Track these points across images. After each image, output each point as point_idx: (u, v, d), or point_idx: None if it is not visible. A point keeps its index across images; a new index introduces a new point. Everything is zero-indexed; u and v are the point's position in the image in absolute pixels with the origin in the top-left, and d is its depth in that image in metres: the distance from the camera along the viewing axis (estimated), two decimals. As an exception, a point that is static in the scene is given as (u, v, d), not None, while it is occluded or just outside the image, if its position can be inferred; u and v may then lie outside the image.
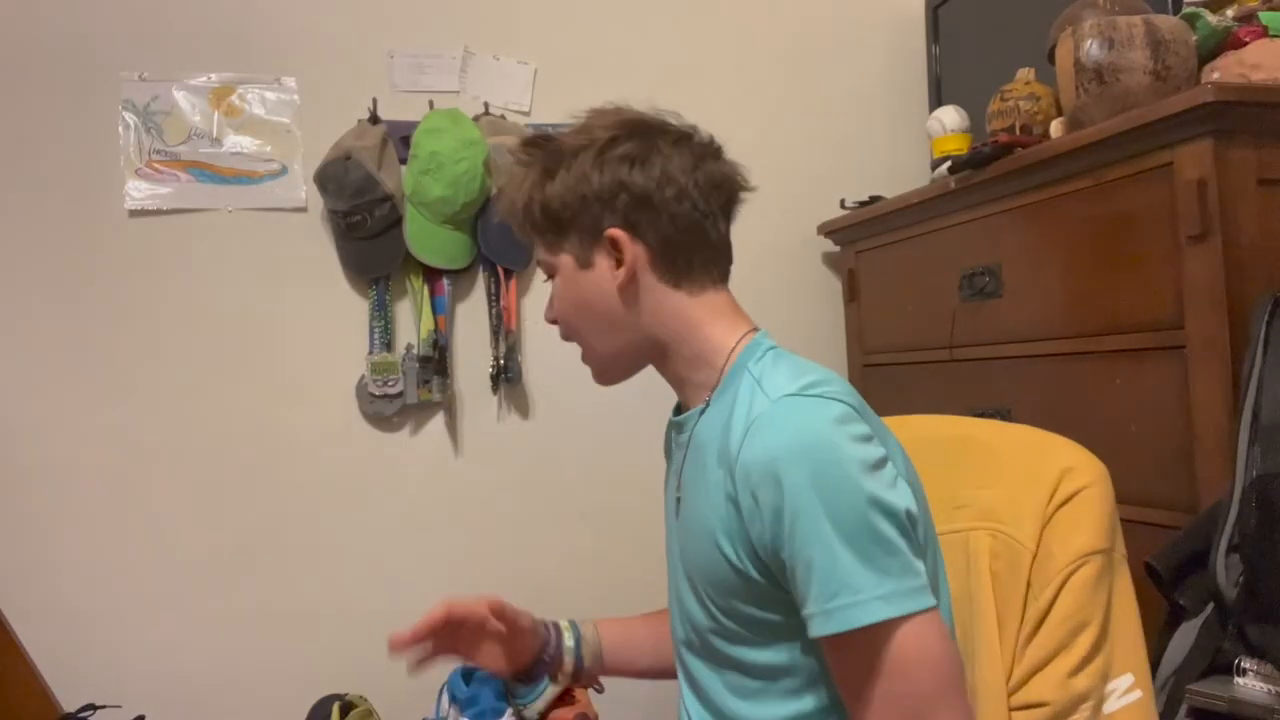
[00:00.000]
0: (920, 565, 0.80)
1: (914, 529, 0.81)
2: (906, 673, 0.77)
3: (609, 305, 0.96)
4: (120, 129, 1.80)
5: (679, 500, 0.99)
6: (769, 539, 0.81)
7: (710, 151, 1.00)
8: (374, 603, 1.88)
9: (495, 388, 1.95)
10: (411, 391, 1.89)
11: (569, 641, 1.16)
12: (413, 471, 1.92)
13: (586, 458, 2.01)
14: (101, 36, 1.80)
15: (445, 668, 1.74)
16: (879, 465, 0.81)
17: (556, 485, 1.99)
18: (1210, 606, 1.13)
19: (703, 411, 0.96)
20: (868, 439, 0.82)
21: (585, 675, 1.16)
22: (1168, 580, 1.15)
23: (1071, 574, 0.94)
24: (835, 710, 0.87)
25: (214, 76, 1.85)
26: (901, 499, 0.81)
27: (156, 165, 1.81)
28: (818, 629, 0.78)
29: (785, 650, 0.87)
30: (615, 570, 1.98)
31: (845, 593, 0.76)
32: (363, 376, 1.88)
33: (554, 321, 1.04)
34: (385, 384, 1.87)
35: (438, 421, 1.94)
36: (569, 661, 1.15)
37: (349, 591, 1.87)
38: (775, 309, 2.04)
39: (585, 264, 0.97)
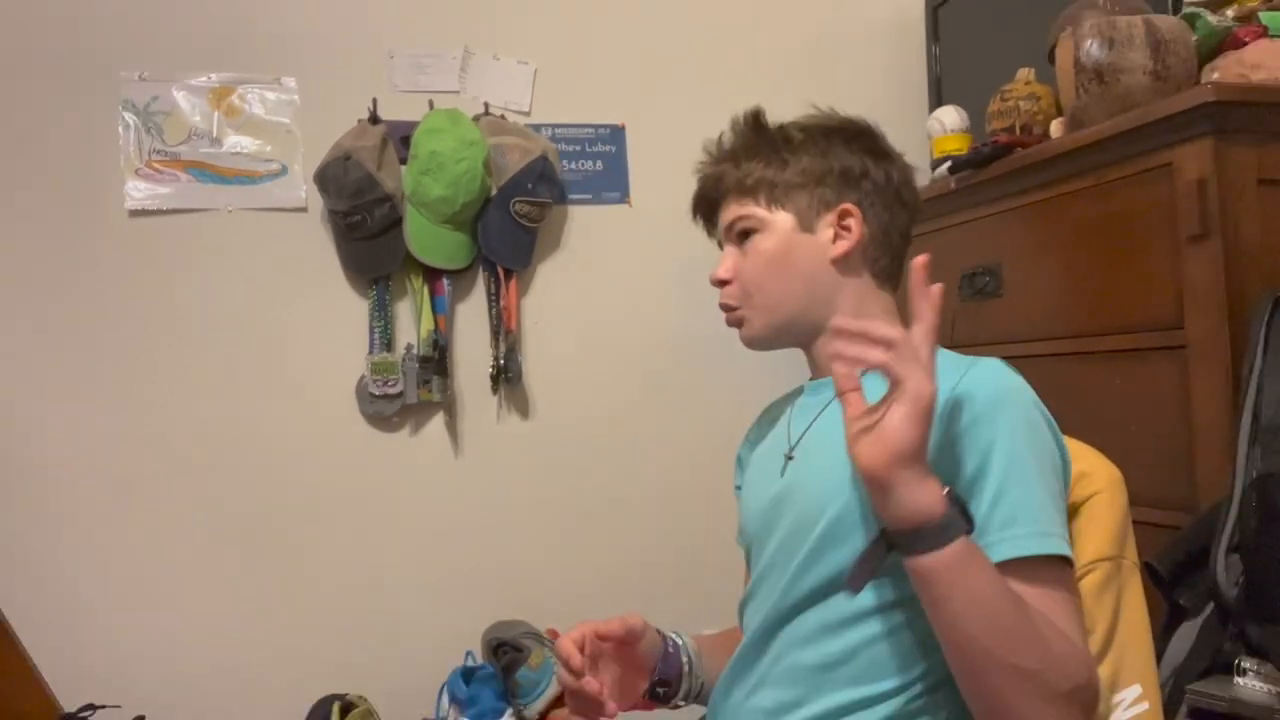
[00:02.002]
0: None
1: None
2: (1075, 599, 0.86)
3: (814, 271, 1.03)
4: (120, 129, 1.80)
5: (789, 459, 1.02)
6: (973, 460, 0.87)
7: (914, 175, 1.11)
8: (374, 603, 1.88)
9: (495, 388, 1.95)
10: (411, 392, 1.89)
11: (684, 658, 1.08)
12: (412, 472, 1.92)
13: (586, 458, 2.01)
14: (101, 36, 1.80)
15: (442, 669, 1.75)
16: (1063, 445, 0.92)
17: (556, 486, 1.99)
18: (1210, 606, 1.13)
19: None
20: None
21: (697, 696, 1.09)
22: (1168, 580, 1.15)
23: (1079, 581, 0.93)
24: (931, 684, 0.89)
25: (214, 76, 1.85)
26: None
27: (156, 165, 1.81)
28: (1030, 548, 0.83)
29: (892, 589, 0.90)
30: (616, 572, 1.98)
31: (1052, 524, 0.84)
32: (363, 376, 1.88)
33: (724, 282, 1.07)
34: (385, 384, 1.87)
35: (438, 422, 1.94)
36: (687, 682, 1.07)
37: (349, 591, 1.87)
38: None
39: (807, 227, 1.03)
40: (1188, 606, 1.15)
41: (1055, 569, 0.84)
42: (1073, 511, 0.96)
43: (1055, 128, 1.59)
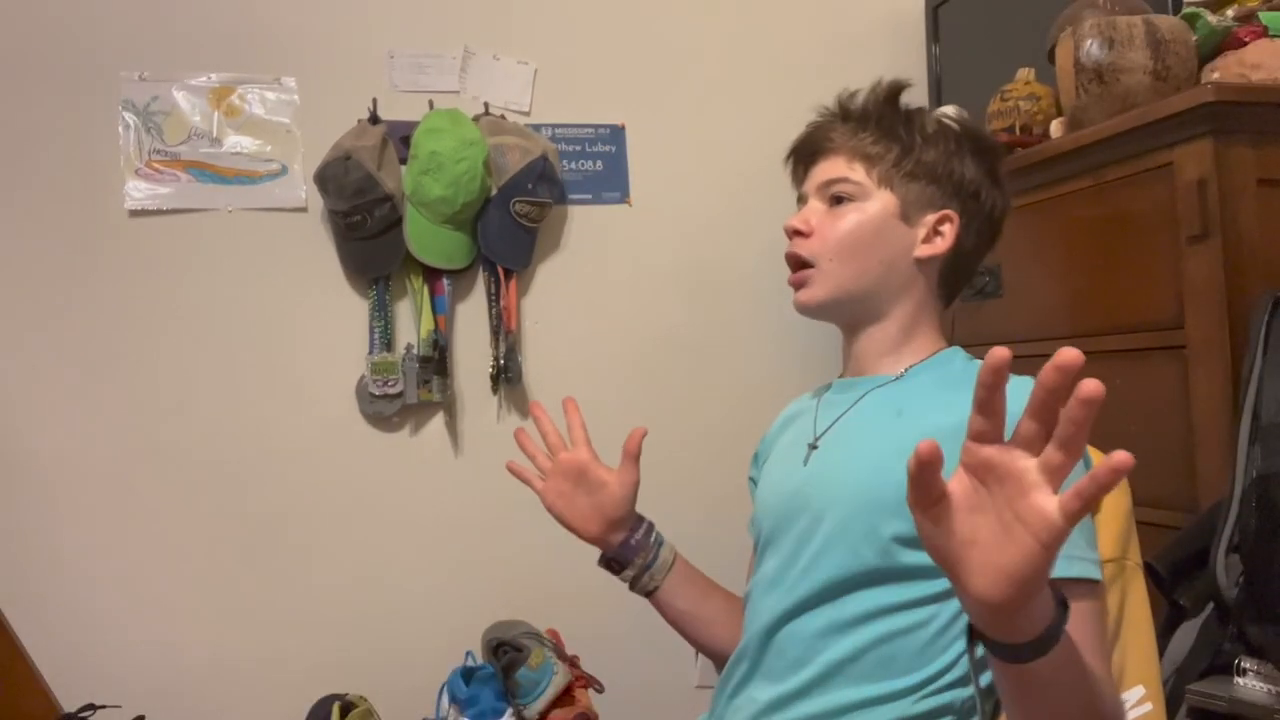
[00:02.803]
0: None
1: None
2: (1101, 623, 0.86)
3: (895, 260, 1.03)
4: (120, 129, 1.80)
5: (813, 448, 1.03)
6: None
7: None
8: (374, 603, 1.88)
9: (495, 388, 1.95)
10: (411, 391, 1.89)
11: (656, 538, 1.17)
12: (412, 472, 1.92)
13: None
14: (101, 36, 1.80)
15: (442, 669, 1.75)
16: (1089, 458, 0.91)
17: (556, 485, 1.98)
18: (1210, 606, 1.13)
19: (893, 380, 1.03)
20: None
21: (661, 589, 1.15)
22: (1168, 580, 1.15)
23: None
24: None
25: (214, 76, 1.85)
26: None
27: (156, 165, 1.81)
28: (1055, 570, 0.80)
29: (906, 589, 0.90)
30: (615, 570, 1.98)
31: (1076, 547, 0.83)
32: (363, 376, 1.88)
33: (803, 233, 1.06)
34: (385, 384, 1.87)
35: (437, 422, 1.94)
36: (657, 555, 1.15)
37: (349, 591, 1.88)
38: (773, 311, 2.04)
39: (905, 217, 1.04)
40: (1187, 606, 1.15)
41: (1084, 589, 0.84)
42: None
43: (1055, 128, 1.59)
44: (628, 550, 1.14)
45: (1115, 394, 1.37)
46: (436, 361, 1.89)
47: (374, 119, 1.88)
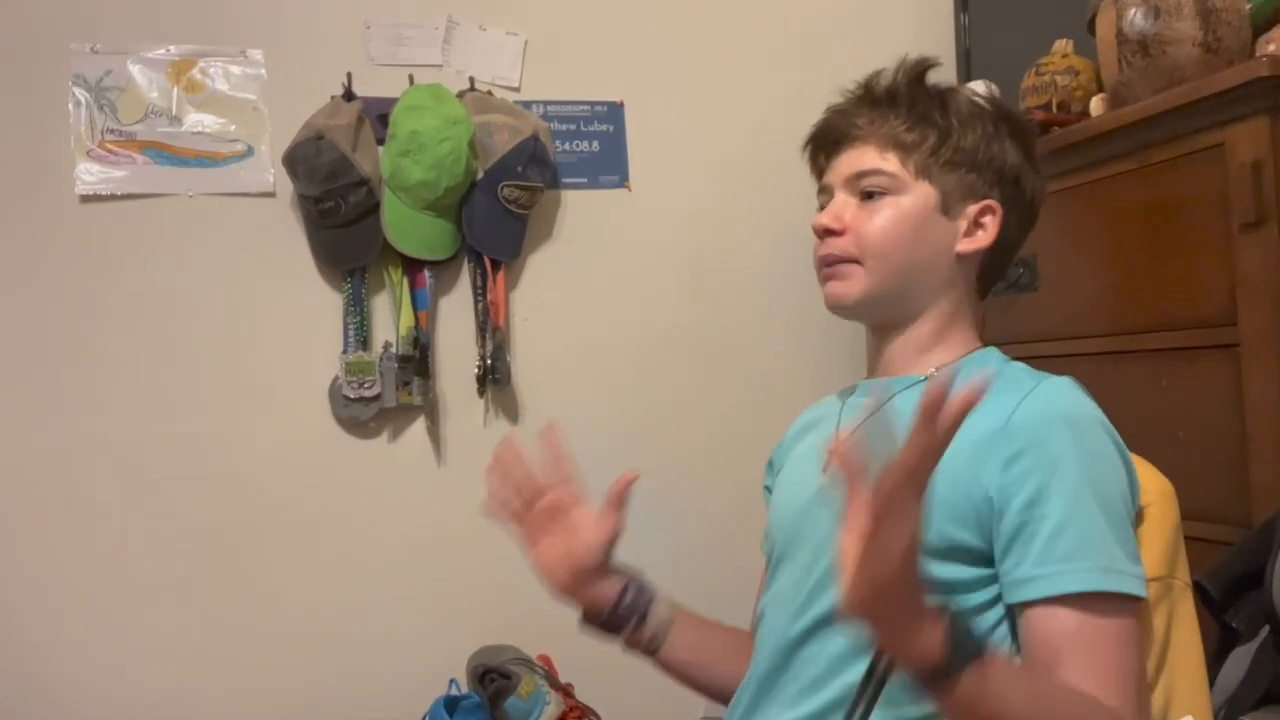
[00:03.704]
0: None
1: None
2: (1129, 647, 0.86)
3: (936, 256, 1.04)
4: (70, 106, 1.79)
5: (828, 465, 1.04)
6: (1026, 491, 0.88)
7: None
8: (349, 625, 1.88)
9: (481, 390, 1.95)
10: (390, 394, 1.89)
11: (646, 598, 1.13)
12: (391, 482, 1.92)
13: (581, 466, 2.00)
14: (48, 5, 1.79)
15: (424, 698, 1.75)
16: (1131, 464, 0.93)
17: (549, 497, 1.98)
18: (1266, 629, 1.13)
19: (921, 382, 1.03)
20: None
21: (661, 647, 1.13)
22: (1219, 601, 1.15)
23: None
24: None
25: (173, 49, 1.85)
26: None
27: (110, 146, 1.81)
28: (1089, 583, 0.84)
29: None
30: (613, 590, 1.98)
31: (1117, 560, 0.86)
32: (336, 378, 1.88)
33: (836, 231, 1.06)
34: (361, 386, 1.87)
35: (419, 427, 1.94)
36: (653, 614, 1.12)
37: (321, 613, 1.87)
38: (786, 306, 2.04)
39: (946, 210, 1.04)
40: (1241, 630, 1.14)
41: (1118, 605, 0.85)
42: None
43: (1095, 105, 1.59)
44: (615, 619, 1.12)
45: (1162, 397, 1.38)
46: (417, 361, 1.89)
47: (349, 95, 1.87)
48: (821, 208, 1.12)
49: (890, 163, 1.04)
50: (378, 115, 1.87)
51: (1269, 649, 1.12)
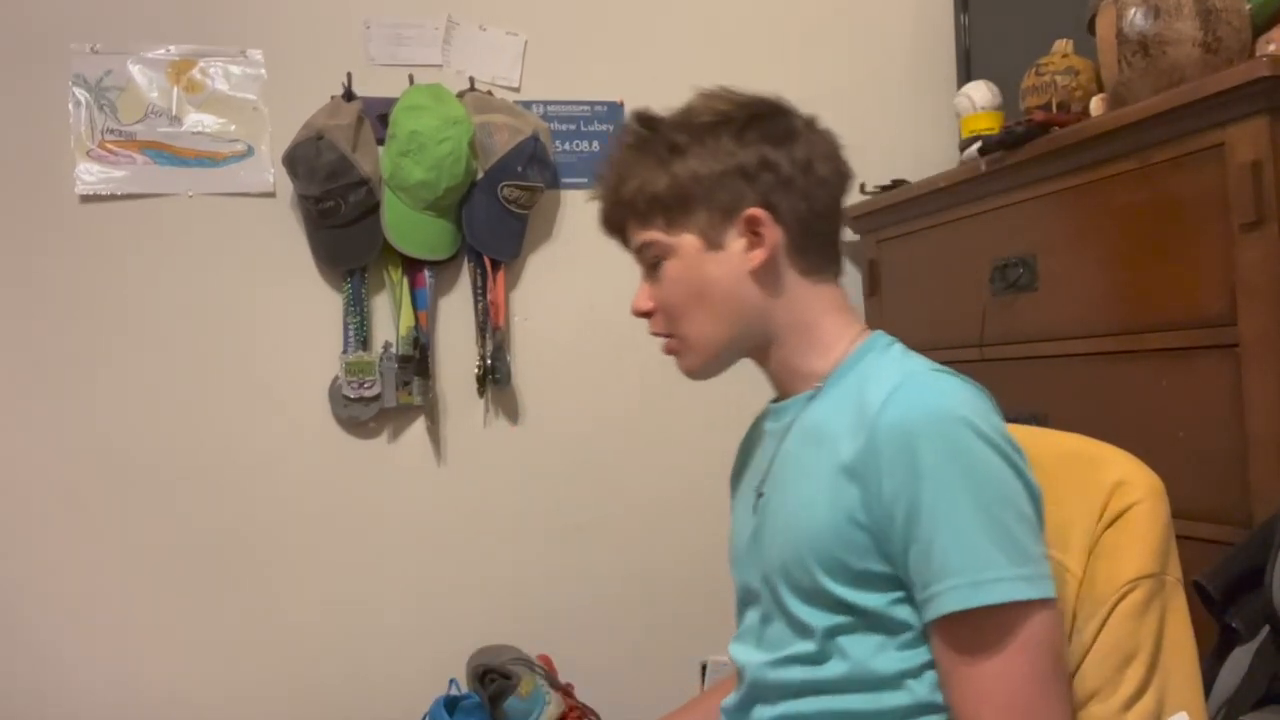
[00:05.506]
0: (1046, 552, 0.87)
1: (1043, 512, 0.89)
2: (1035, 653, 0.84)
3: (735, 289, 1.01)
4: (70, 106, 1.80)
5: (760, 496, 1.03)
6: (902, 510, 0.85)
7: (839, 143, 1.06)
8: (349, 626, 1.88)
9: (481, 390, 1.95)
10: (390, 394, 1.89)
11: None
12: (391, 482, 1.93)
13: (581, 467, 2.01)
14: (48, 5, 1.80)
15: (424, 698, 1.75)
16: (1017, 445, 0.88)
17: (547, 496, 1.99)
18: (1266, 630, 1.13)
19: (811, 398, 1.01)
20: (1005, 425, 0.90)
21: None
22: (1219, 601, 1.15)
23: (1118, 602, 0.93)
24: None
25: (173, 49, 1.85)
26: (1037, 483, 0.89)
27: (110, 146, 1.81)
28: (958, 602, 0.82)
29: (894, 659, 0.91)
30: (614, 591, 1.98)
31: (990, 568, 0.82)
32: (336, 378, 1.88)
33: (648, 313, 1.07)
34: (361, 386, 1.87)
35: (418, 427, 1.95)
36: None
37: (321, 614, 1.88)
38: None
39: (715, 245, 1.00)
40: (1240, 630, 1.14)
41: (996, 616, 0.83)
42: (1109, 524, 0.96)
43: (1096, 105, 1.59)
44: None
45: (1162, 397, 1.38)
46: (417, 361, 1.89)
47: (349, 95, 1.88)
48: None
49: (649, 231, 1.02)
50: (378, 115, 1.87)
51: (1269, 649, 1.12)
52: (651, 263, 1.04)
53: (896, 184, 2.02)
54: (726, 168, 0.99)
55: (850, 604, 0.90)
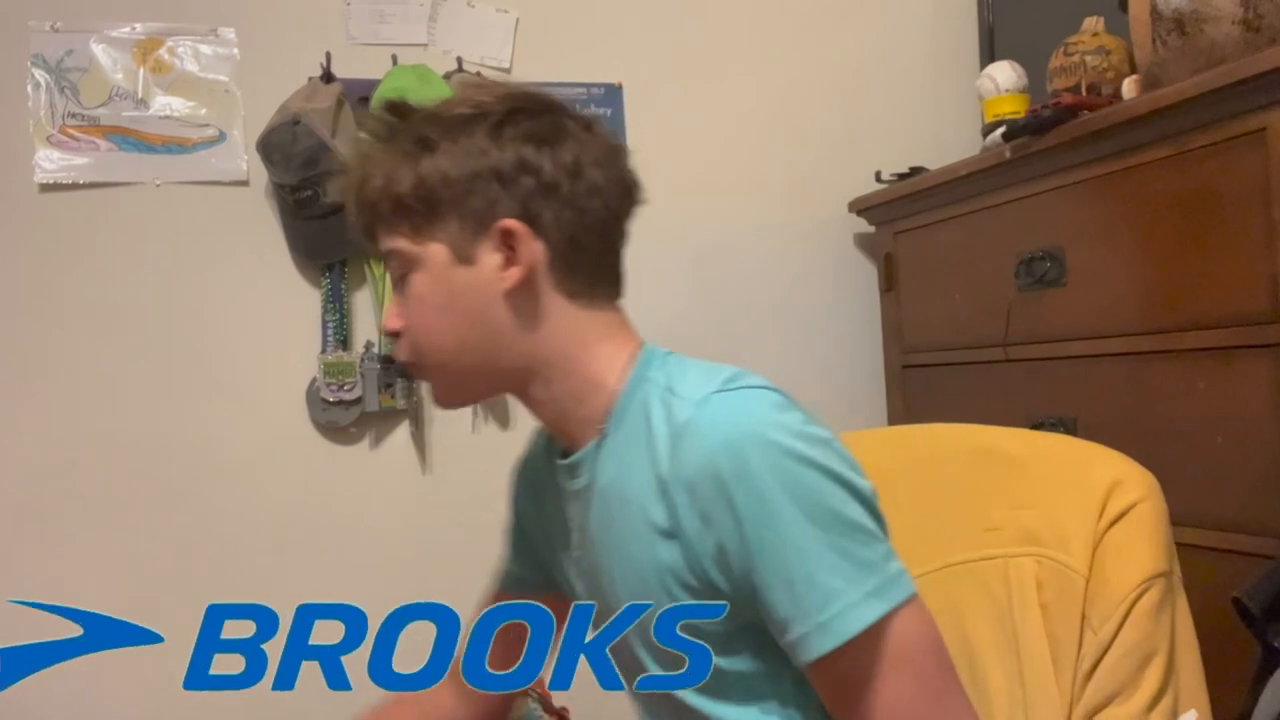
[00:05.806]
0: (892, 548, 0.84)
1: (878, 509, 0.85)
2: (913, 662, 0.82)
3: (486, 311, 0.92)
4: (29, 89, 1.79)
5: (581, 563, 1.00)
6: (733, 560, 0.82)
7: (620, 146, 0.99)
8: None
9: (469, 392, 1.95)
10: (371, 397, 1.88)
11: None
12: (373, 490, 1.92)
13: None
14: (7, -20, 1.79)
15: None
16: (832, 442, 0.84)
17: (541, 506, 1.98)
18: (1311, 651, 1.12)
19: (599, 445, 0.94)
20: (811, 421, 0.85)
21: None
22: (1261, 618, 1.14)
23: (1136, 601, 0.95)
24: None
25: (139, 27, 1.84)
26: (864, 478, 0.85)
27: (71, 131, 1.81)
28: (815, 650, 0.80)
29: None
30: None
31: (833, 601, 0.79)
32: (314, 380, 1.88)
33: (397, 332, 0.98)
34: (340, 389, 1.87)
35: (402, 432, 1.94)
36: None
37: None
38: (797, 301, 2.03)
39: (464, 258, 0.92)
40: (1283, 651, 1.13)
41: (870, 642, 0.80)
42: (1111, 522, 0.98)
43: (1128, 87, 1.59)
44: None
45: (1198, 400, 1.37)
46: (400, 362, 1.88)
47: (327, 77, 1.87)
48: None
49: (395, 239, 0.93)
50: (359, 98, 1.87)
51: (1315, 673, 1.11)
52: (399, 275, 0.95)
53: (914, 171, 2.02)
54: (479, 169, 0.90)
55: (724, 671, 0.89)
